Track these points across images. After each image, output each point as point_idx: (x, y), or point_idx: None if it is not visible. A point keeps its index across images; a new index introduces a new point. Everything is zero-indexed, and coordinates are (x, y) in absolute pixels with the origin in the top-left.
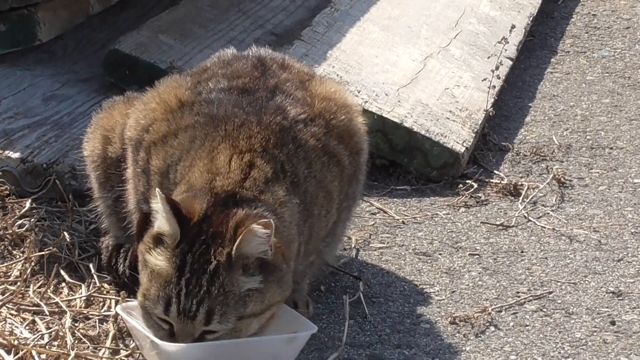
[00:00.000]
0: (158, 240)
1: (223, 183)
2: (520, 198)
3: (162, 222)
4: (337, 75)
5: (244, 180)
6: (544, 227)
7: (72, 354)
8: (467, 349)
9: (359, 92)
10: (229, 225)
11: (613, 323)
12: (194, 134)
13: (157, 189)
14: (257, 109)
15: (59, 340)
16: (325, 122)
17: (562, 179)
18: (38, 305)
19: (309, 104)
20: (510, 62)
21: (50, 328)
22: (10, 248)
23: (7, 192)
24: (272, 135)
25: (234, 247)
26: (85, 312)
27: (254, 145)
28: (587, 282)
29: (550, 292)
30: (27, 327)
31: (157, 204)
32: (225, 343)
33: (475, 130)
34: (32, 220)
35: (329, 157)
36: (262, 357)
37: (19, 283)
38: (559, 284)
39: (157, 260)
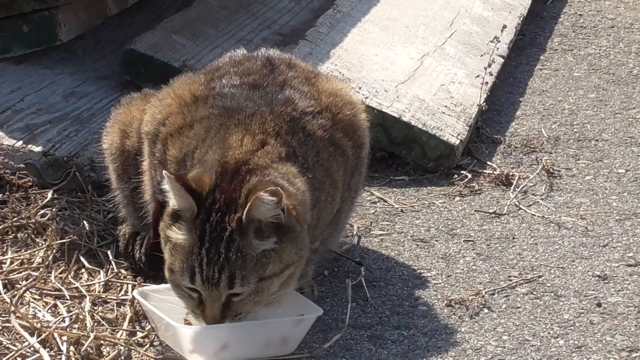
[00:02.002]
0: (176, 216)
1: (234, 153)
2: (512, 187)
3: (176, 199)
4: (340, 72)
5: (256, 151)
6: (534, 215)
7: (92, 335)
8: (462, 329)
9: (360, 88)
10: (241, 192)
11: (599, 305)
12: (209, 124)
13: (164, 171)
14: (268, 101)
15: (79, 323)
16: (332, 115)
17: (550, 169)
18: (59, 290)
19: (315, 98)
20: (502, 60)
21: (70, 311)
22: (33, 236)
23: (30, 183)
24: (284, 124)
25: (244, 213)
26: (103, 296)
27: (267, 129)
28: (574, 266)
29: (540, 276)
30: (49, 311)
31: (167, 185)
32: (236, 325)
33: (469, 124)
34: (54, 210)
35: (335, 148)
36: (271, 338)
37: (41, 269)
38: (548, 268)
39: (179, 234)
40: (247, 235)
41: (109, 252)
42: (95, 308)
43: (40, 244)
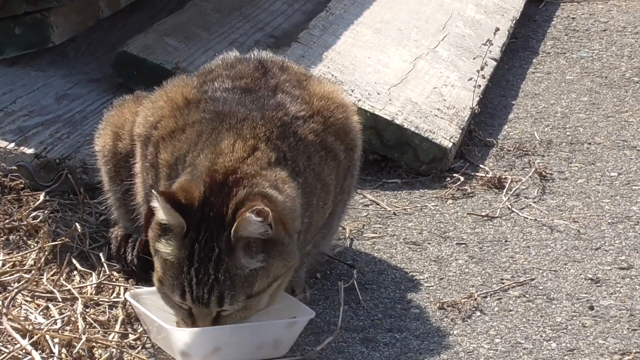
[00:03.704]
0: (164, 228)
1: (224, 160)
2: (504, 190)
3: (165, 216)
4: (332, 75)
5: (246, 159)
6: (527, 218)
7: (84, 338)
8: (455, 332)
9: (352, 91)
10: (229, 207)
11: (591, 308)
12: (201, 129)
13: (153, 190)
14: (260, 105)
15: (71, 325)
16: (324, 119)
17: (543, 172)
18: (51, 292)
19: (307, 102)
20: (495, 63)
21: (62, 314)
22: (25, 238)
23: (23, 185)
24: (275, 128)
25: (232, 233)
26: (95, 298)
27: (257, 134)
28: (567, 269)
29: (533, 279)
30: (41, 313)
31: (155, 202)
32: (228, 328)
33: (462, 126)
34: (46, 212)
35: (326, 152)
36: (263, 341)
37: (33, 271)
38: (541, 271)
39: (168, 249)
40: (235, 255)
41: (101, 255)
42: (87, 310)
43: (32, 246)
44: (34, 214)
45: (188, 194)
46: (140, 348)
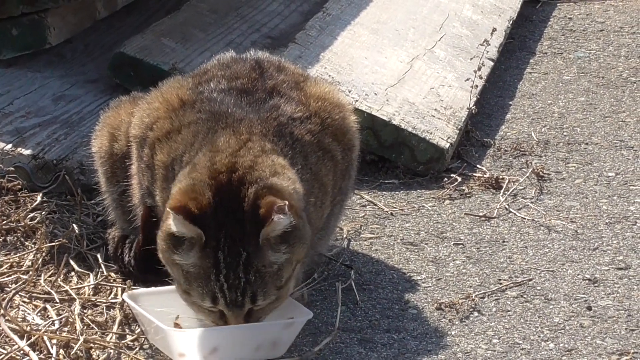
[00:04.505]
0: (178, 240)
1: (221, 158)
2: (502, 191)
3: (181, 230)
4: (329, 76)
5: (238, 150)
6: (524, 218)
7: (81, 338)
8: (452, 333)
9: (349, 91)
10: (245, 210)
11: (589, 308)
12: (197, 129)
13: (167, 207)
14: (256, 107)
15: (68, 326)
16: (321, 120)
17: (540, 172)
18: (49, 293)
19: (304, 103)
20: (492, 63)
21: (60, 314)
22: (22, 239)
23: (20, 186)
24: (271, 129)
25: (261, 236)
26: (93, 299)
27: (253, 131)
28: (564, 269)
29: (530, 279)
30: (39, 314)
31: (171, 219)
32: (226, 328)
33: (459, 127)
34: (43, 213)
35: (323, 152)
36: (261, 341)
37: (30, 272)
38: (538, 271)
39: (188, 261)
40: (263, 255)
41: (98, 256)
42: (85, 311)
43: (29, 247)
44: (32, 215)
45: (198, 203)
46: (138, 349)
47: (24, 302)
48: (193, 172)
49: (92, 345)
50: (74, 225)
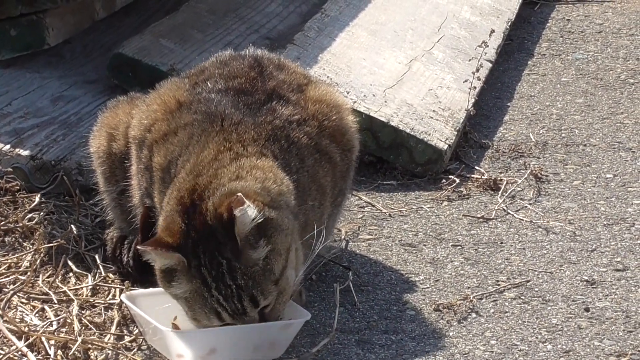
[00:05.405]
0: (168, 273)
1: (185, 181)
2: (500, 192)
3: (162, 262)
4: (328, 77)
5: (209, 163)
6: (522, 220)
7: (79, 339)
8: (450, 334)
9: (348, 93)
10: (210, 224)
11: (587, 310)
12: (192, 131)
13: (139, 246)
14: (253, 109)
15: (66, 327)
16: (318, 122)
17: (538, 174)
18: (47, 294)
19: (302, 106)
20: (490, 65)
21: (58, 315)
22: (20, 240)
23: (18, 187)
24: (264, 132)
25: (238, 239)
26: (91, 300)
27: (245, 139)
28: (562, 271)
29: (528, 281)
30: (37, 315)
31: (148, 255)
32: (224, 329)
33: (457, 128)
34: (41, 214)
35: (320, 155)
36: (259, 342)
37: (29, 273)
38: (536, 273)
39: (183, 288)
40: (244, 257)
41: (96, 256)
42: (83, 312)
43: (27, 248)
44: (30, 215)
45: (170, 231)
46: (136, 350)
47: (22, 302)
48: (167, 206)
49: (90, 346)
50: (72, 226)
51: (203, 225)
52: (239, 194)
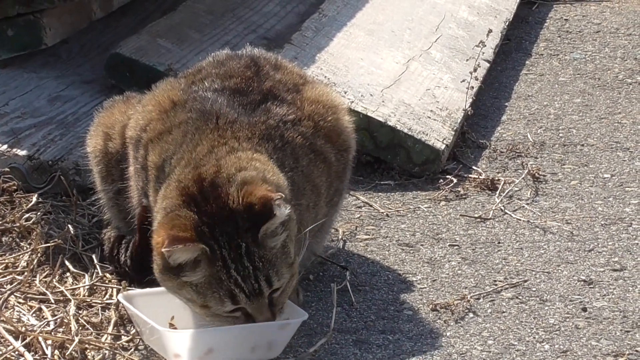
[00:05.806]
0: (179, 268)
1: (186, 173)
2: (497, 192)
3: (186, 256)
4: (325, 77)
5: (204, 157)
6: (520, 220)
7: (76, 339)
8: (448, 334)
9: (345, 92)
10: (233, 209)
11: (584, 309)
12: (187, 129)
13: (163, 249)
14: (248, 109)
15: (63, 326)
16: (314, 123)
17: (536, 174)
18: (44, 293)
19: (298, 106)
20: (488, 65)
21: (55, 315)
22: (18, 240)
23: (15, 187)
24: (257, 132)
25: (260, 232)
26: (88, 300)
27: (239, 136)
28: (560, 271)
29: (526, 281)
30: (34, 315)
31: (175, 255)
32: (221, 329)
33: (455, 128)
34: (39, 213)
35: (315, 155)
36: (257, 342)
37: (26, 273)
38: (534, 272)
39: (197, 275)
40: (262, 242)
41: (93, 256)
42: (80, 312)
43: (24, 248)
44: (27, 215)
45: (184, 226)
46: (133, 350)
47: (19, 302)
48: (164, 202)
49: (87, 346)
50: (70, 226)
51: (220, 210)
52: (280, 194)
